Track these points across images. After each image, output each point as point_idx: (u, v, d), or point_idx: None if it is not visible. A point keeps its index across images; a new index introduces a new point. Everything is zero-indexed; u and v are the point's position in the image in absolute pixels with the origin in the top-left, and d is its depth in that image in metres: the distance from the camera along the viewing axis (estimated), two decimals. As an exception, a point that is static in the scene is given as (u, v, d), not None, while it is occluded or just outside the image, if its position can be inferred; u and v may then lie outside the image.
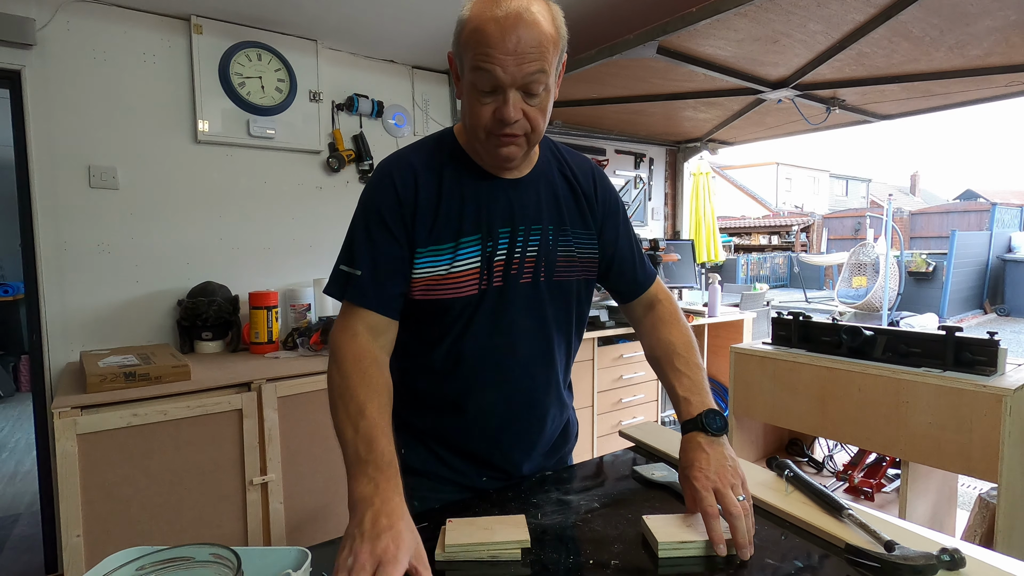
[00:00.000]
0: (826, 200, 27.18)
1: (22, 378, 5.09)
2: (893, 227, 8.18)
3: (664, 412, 3.26)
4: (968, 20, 1.86)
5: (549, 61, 0.81)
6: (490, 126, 0.83)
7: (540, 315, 0.96)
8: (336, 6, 2.21)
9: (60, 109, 2.08)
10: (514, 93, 0.80)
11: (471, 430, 0.99)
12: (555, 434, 1.08)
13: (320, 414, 2.03)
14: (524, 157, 0.91)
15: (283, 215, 2.58)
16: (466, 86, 0.84)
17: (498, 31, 0.77)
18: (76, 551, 1.61)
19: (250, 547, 0.68)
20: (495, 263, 0.91)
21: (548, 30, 0.80)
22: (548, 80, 0.82)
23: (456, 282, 0.89)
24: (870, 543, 0.74)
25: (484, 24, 0.78)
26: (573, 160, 1.03)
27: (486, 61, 0.78)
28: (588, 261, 1.01)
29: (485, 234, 0.90)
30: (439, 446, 1.00)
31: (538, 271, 0.94)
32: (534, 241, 0.94)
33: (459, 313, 0.91)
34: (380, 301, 0.87)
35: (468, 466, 1.00)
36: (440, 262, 0.89)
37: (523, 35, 0.77)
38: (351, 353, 0.84)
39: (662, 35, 1.94)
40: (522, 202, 0.93)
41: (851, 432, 1.79)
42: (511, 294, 0.93)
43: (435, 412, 0.99)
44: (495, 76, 0.78)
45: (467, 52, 0.81)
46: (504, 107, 0.80)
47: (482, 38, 0.78)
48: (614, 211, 1.05)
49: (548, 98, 0.85)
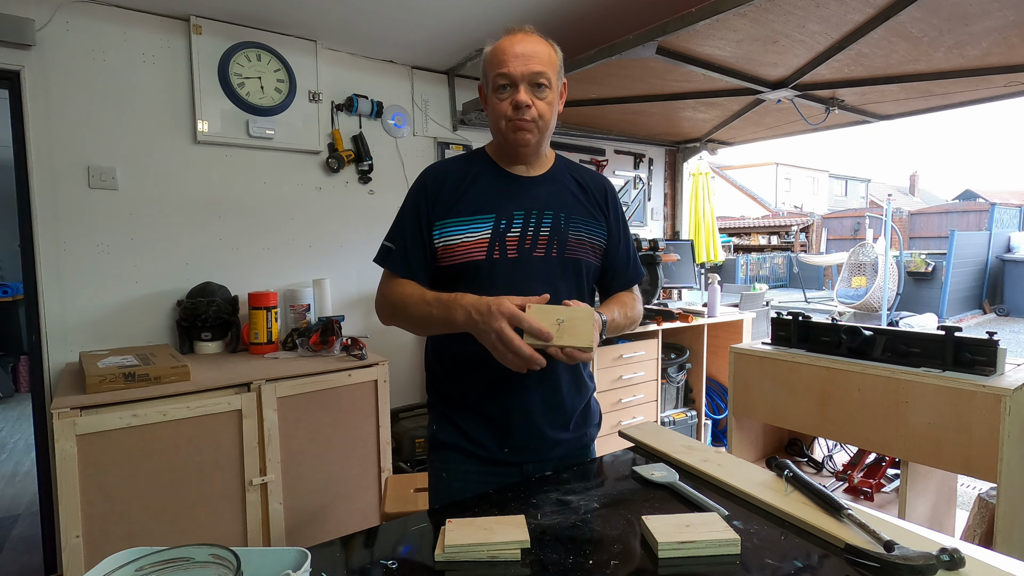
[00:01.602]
0: (825, 200, 27.18)
1: (21, 379, 5.09)
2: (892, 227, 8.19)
3: (664, 412, 3.26)
4: (967, 20, 1.86)
5: (549, 68, 1.07)
6: (508, 113, 1.07)
7: (553, 285, 1.10)
8: (336, 6, 2.21)
9: (59, 109, 2.08)
10: (524, 86, 1.06)
11: (492, 387, 1.10)
12: (576, 409, 1.17)
13: (320, 414, 2.03)
14: (537, 145, 1.12)
15: (282, 215, 2.58)
16: (490, 94, 1.10)
17: (510, 43, 1.07)
18: (76, 552, 1.61)
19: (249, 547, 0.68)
20: (508, 237, 1.09)
21: (548, 48, 1.09)
22: (551, 82, 1.08)
23: (467, 250, 1.09)
24: (870, 543, 0.74)
25: (500, 44, 1.08)
26: (586, 173, 1.24)
27: (501, 66, 1.06)
28: (596, 247, 1.18)
29: (500, 215, 1.10)
30: (465, 416, 1.13)
31: (551, 247, 1.11)
32: (547, 223, 1.12)
33: (477, 277, 1.09)
34: (407, 268, 1.13)
35: (490, 437, 1.11)
36: (455, 233, 1.10)
37: (528, 44, 1.06)
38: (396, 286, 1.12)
39: (661, 35, 1.94)
40: (538, 194, 1.14)
41: (851, 432, 1.79)
42: (526, 265, 1.10)
43: (465, 370, 1.13)
44: (508, 74, 1.05)
45: (490, 68, 1.09)
46: (517, 94, 1.06)
47: (499, 52, 1.07)
48: (623, 225, 1.25)
49: (553, 96, 1.10)
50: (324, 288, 2.55)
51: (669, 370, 3.26)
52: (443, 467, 1.15)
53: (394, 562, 0.76)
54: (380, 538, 0.86)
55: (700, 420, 3.40)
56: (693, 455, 1.08)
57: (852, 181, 30.55)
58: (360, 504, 2.14)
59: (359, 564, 0.79)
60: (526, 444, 1.11)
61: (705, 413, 3.43)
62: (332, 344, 2.24)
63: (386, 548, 0.82)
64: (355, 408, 2.12)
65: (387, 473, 2.19)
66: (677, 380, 3.32)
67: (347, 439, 2.10)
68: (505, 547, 0.75)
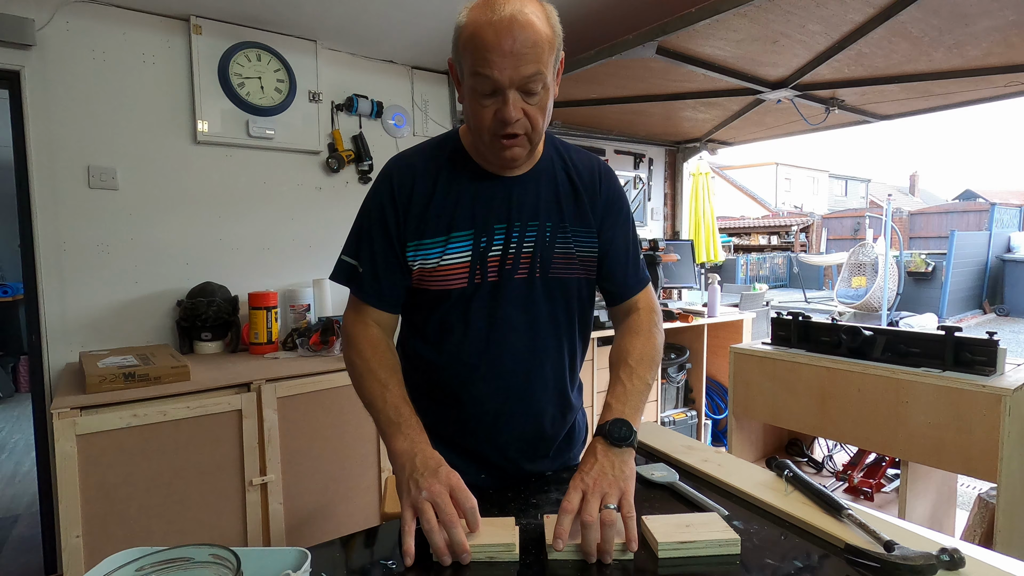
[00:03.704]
0: (825, 200, 27.18)
1: (21, 379, 5.09)
2: (892, 227, 8.18)
3: (664, 412, 3.26)
4: (967, 20, 1.86)
5: (545, 61, 0.83)
6: (493, 127, 0.85)
7: (534, 311, 0.97)
8: (335, 6, 2.21)
9: (59, 109, 2.08)
10: (513, 93, 0.82)
11: (468, 423, 1.01)
12: (557, 436, 1.07)
13: (320, 414, 2.03)
14: (528, 157, 0.93)
15: (282, 215, 2.58)
16: (467, 90, 0.86)
17: (494, 35, 0.79)
18: (75, 552, 1.61)
19: (249, 547, 0.68)
20: (489, 258, 0.94)
21: (543, 30, 0.82)
22: (546, 79, 0.84)
23: (446, 274, 0.93)
24: (870, 543, 0.74)
25: (480, 29, 0.80)
26: (578, 158, 1.04)
27: (484, 66, 0.80)
28: (587, 260, 1.01)
29: (479, 230, 0.93)
30: (439, 443, 0.98)
31: (533, 267, 0.96)
32: (530, 237, 0.95)
33: (454, 305, 0.95)
34: (380, 298, 0.96)
35: (467, 464, 0.99)
36: (431, 255, 0.93)
37: (518, 37, 0.79)
38: (366, 340, 0.95)
39: (661, 35, 1.94)
40: (520, 199, 0.95)
41: (851, 432, 1.79)
42: (505, 289, 0.95)
43: (436, 405, 1.01)
44: (494, 79, 0.81)
45: (466, 57, 0.83)
46: (504, 108, 0.82)
47: (479, 43, 0.80)
48: (616, 209, 1.04)
49: (547, 96, 0.86)
50: (324, 288, 2.55)
51: (669, 370, 3.26)
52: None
53: (394, 562, 0.76)
54: (380, 538, 0.86)
55: (700, 420, 3.40)
56: (693, 455, 1.08)
57: (852, 181, 30.55)
58: (360, 504, 2.14)
59: (359, 564, 0.79)
60: (503, 472, 1.04)
61: (705, 413, 3.43)
62: (332, 344, 2.24)
63: (386, 548, 0.82)
64: (355, 408, 2.11)
65: (387, 473, 2.19)
66: (677, 380, 3.32)
67: (347, 439, 2.10)
68: (494, 549, 0.75)
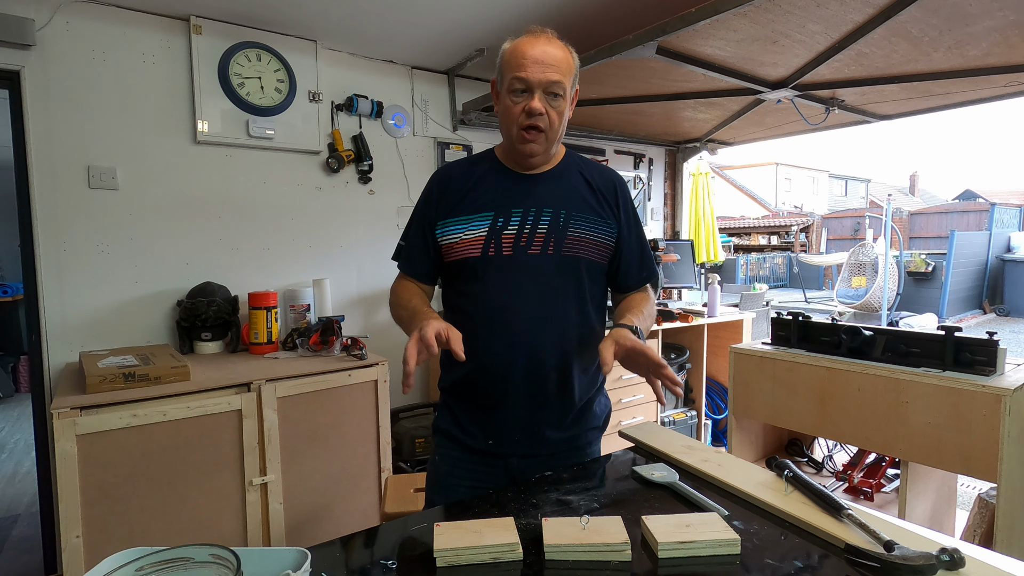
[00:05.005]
0: (825, 200, 27.17)
1: (21, 379, 5.09)
2: (892, 227, 8.19)
3: (664, 412, 3.26)
4: (967, 20, 1.86)
5: (566, 77, 1.08)
6: (520, 120, 1.09)
7: (545, 282, 1.13)
8: (336, 6, 2.21)
9: (59, 109, 2.08)
10: (539, 93, 1.07)
11: (482, 378, 1.14)
12: (566, 408, 1.16)
13: (320, 414, 2.03)
14: (545, 153, 1.14)
15: (282, 215, 2.58)
16: (503, 93, 1.11)
17: (530, 45, 1.07)
18: (75, 552, 1.61)
19: (249, 548, 0.68)
20: (504, 235, 1.12)
21: (567, 56, 1.10)
22: (566, 91, 1.09)
23: (465, 247, 1.13)
24: (870, 543, 0.74)
25: (520, 45, 1.08)
26: (595, 169, 1.24)
27: (520, 69, 1.06)
28: (598, 244, 1.18)
29: (499, 212, 1.13)
30: (457, 403, 1.19)
31: (547, 244, 1.13)
32: (545, 220, 1.14)
33: (471, 274, 1.13)
34: (411, 268, 1.23)
35: (477, 427, 1.16)
36: (455, 232, 1.15)
37: (548, 52, 1.07)
38: (399, 284, 1.23)
39: (661, 35, 1.94)
40: (539, 192, 1.16)
41: (851, 432, 1.79)
42: (518, 262, 1.12)
43: (455, 360, 1.10)
44: (526, 79, 1.06)
45: (507, 69, 1.09)
46: (532, 101, 1.07)
47: (519, 54, 1.07)
48: (631, 214, 1.24)
49: (565, 105, 1.11)
50: (324, 288, 2.55)
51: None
52: (436, 451, 1.23)
53: (394, 562, 0.76)
54: (380, 538, 0.86)
55: (700, 420, 3.40)
56: (693, 455, 1.08)
57: (852, 181, 30.54)
58: (360, 504, 2.14)
59: (359, 564, 0.79)
60: (509, 436, 1.14)
61: (705, 413, 3.43)
62: (332, 344, 2.24)
63: (386, 548, 0.82)
64: (355, 408, 2.12)
65: (387, 473, 2.19)
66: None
67: (347, 439, 2.10)
68: (495, 550, 0.75)
